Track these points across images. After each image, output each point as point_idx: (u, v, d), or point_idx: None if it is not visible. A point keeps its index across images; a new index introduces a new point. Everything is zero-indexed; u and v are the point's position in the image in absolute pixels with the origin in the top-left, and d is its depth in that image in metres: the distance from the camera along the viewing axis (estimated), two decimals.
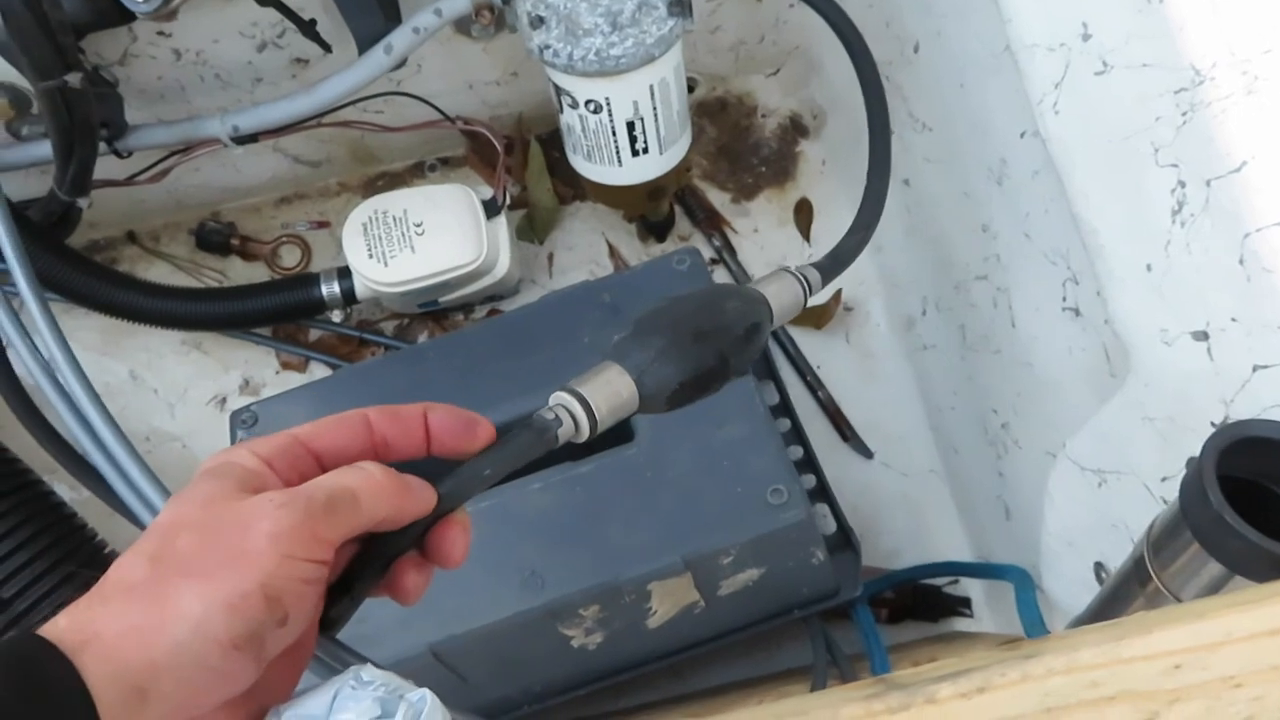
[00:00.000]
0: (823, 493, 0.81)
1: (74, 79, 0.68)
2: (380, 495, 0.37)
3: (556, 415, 0.42)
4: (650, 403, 0.45)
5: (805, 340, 0.96)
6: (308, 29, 0.75)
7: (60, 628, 0.32)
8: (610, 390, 0.43)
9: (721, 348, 0.47)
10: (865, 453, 0.94)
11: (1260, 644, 0.37)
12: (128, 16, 0.68)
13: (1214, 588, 0.45)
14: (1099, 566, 0.61)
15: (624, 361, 0.44)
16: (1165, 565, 0.47)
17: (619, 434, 0.77)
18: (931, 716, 0.37)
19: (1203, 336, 0.49)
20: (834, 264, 0.60)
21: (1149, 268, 0.52)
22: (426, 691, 0.35)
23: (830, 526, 0.80)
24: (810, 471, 0.83)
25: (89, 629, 0.32)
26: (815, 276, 0.56)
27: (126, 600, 0.33)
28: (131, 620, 0.32)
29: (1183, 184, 0.49)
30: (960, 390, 0.86)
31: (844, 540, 0.79)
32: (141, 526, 0.62)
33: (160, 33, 0.79)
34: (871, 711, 0.37)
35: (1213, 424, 0.49)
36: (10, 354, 0.66)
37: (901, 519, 0.92)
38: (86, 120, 0.73)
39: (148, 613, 0.32)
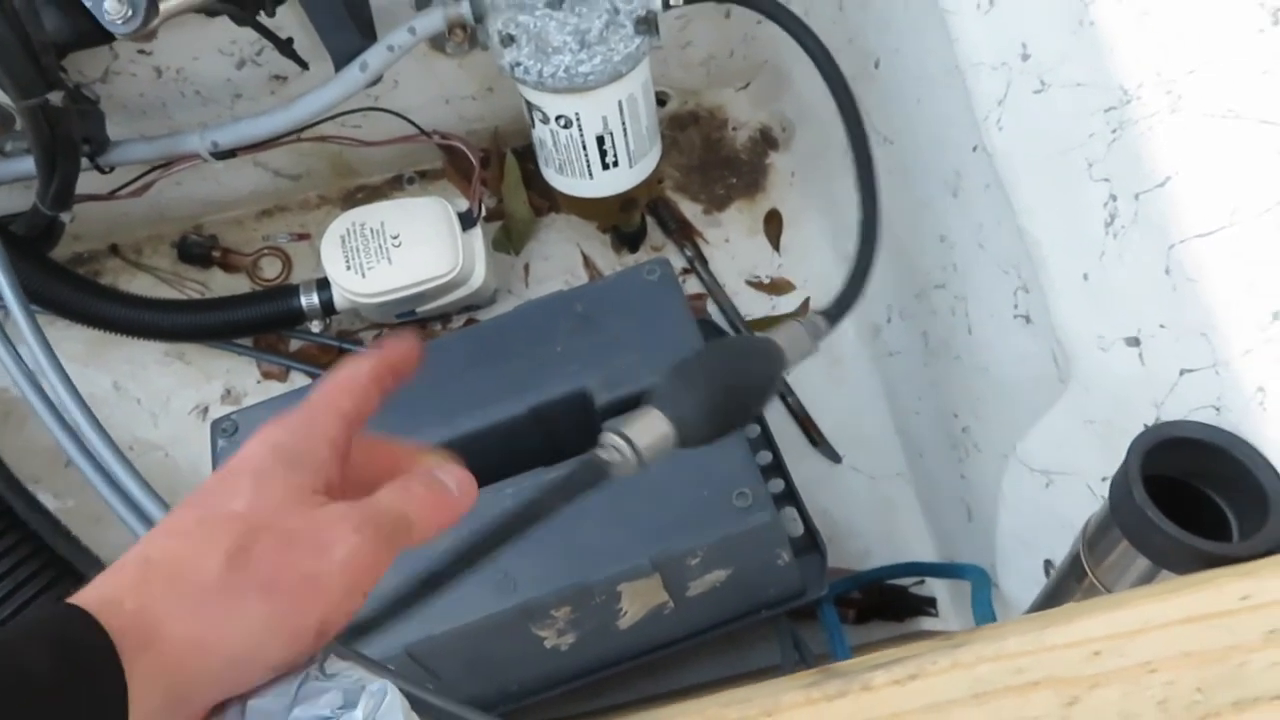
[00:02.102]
0: (791, 496, 0.84)
1: (55, 97, 0.70)
2: (430, 520, 0.37)
3: (609, 457, 0.48)
4: (684, 445, 0.52)
5: None
6: (285, 47, 0.78)
7: (124, 613, 0.30)
8: (656, 435, 0.50)
9: (748, 402, 0.55)
10: (834, 457, 0.96)
11: (1173, 631, 0.39)
12: (109, 36, 0.70)
13: (1143, 582, 0.47)
14: (1048, 564, 0.64)
15: (666, 410, 0.51)
16: (1099, 561, 0.49)
17: (589, 439, 0.80)
18: (867, 703, 0.39)
19: (1135, 342, 0.52)
20: (839, 311, 0.66)
21: (1085, 277, 0.54)
22: (387, 683, 0.37)
23: (798, 529, 0.82)
24: (779, 475, 0.85)
25: (153, 626, 0.30)
26: (824, 325, 0.63)
27: (199, 602, 0.31)
28: (200, 629, 0.31)
29: (1114, 198, 0.51)
30: (924, 395, 0.89)
31: (811, 542, 0.81)
32: (135, 535, 0.64)
33: (141, 51, 0.81)
34: (810, 698, 0.40)
35: (1145, 425, 0.51)
36: None
37: (870, 521, 0.95)
38: (68, 137, 0.75)
39: (217, 624, 0.31)
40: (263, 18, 0.74)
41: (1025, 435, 0.65)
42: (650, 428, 0.49)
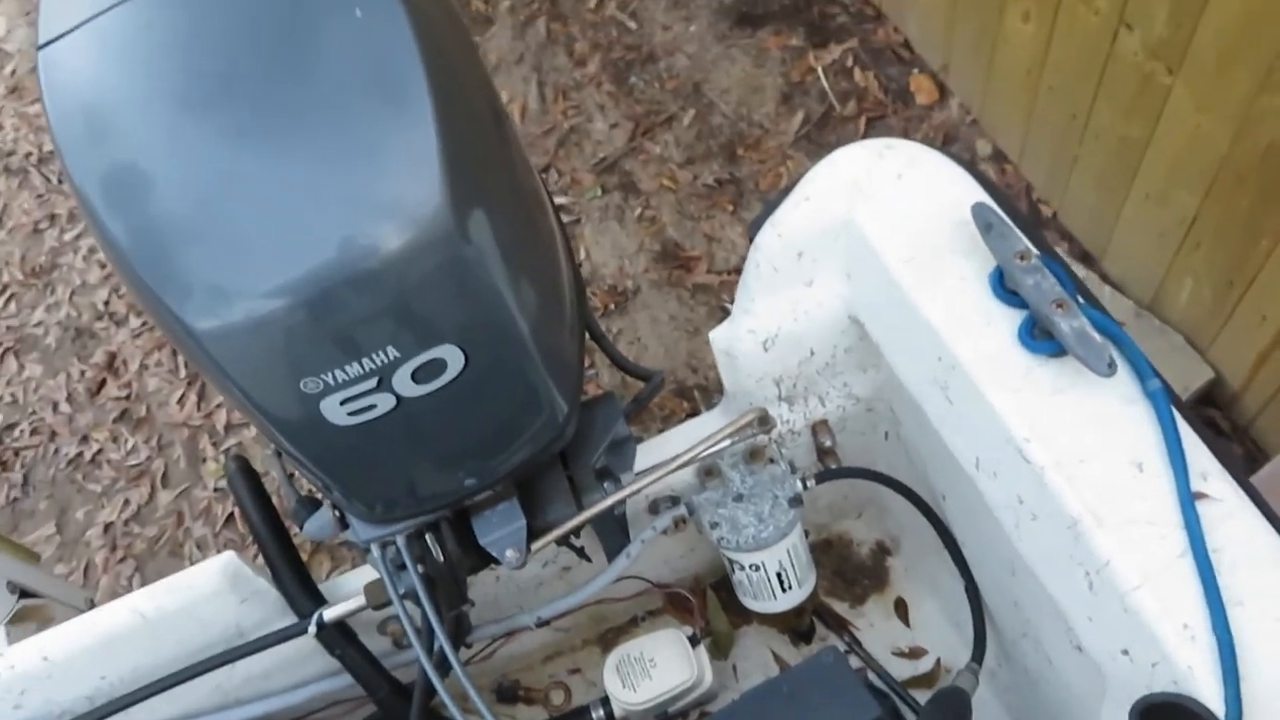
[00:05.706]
0: None
1: (466, 607, 1.19)
2: None
3: None
4: None
5: (921, 696, 1.36)
6: (581, 554, 1.27)
7: None
8: None
9: None
10: None
11: None
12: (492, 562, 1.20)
13: None
14: None
15: None
16: None
17: None
18: None
19: (1126, 652, 0.92)
20: (979, 660, 1.18)
21: (1090, 619, 0.96)
22: None
23: None
24: None
25: None
26: (978, 669, 1.17)
27: None
28: None
29: (1089, 573, 0.94)
30: (1035, 713, 1.25)
31: None
32: None
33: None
34: None
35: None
36: None
37: None
38: (466, 628, 1.23)
39: None
40: (571, 539, 1.24)
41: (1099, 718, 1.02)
42: None
